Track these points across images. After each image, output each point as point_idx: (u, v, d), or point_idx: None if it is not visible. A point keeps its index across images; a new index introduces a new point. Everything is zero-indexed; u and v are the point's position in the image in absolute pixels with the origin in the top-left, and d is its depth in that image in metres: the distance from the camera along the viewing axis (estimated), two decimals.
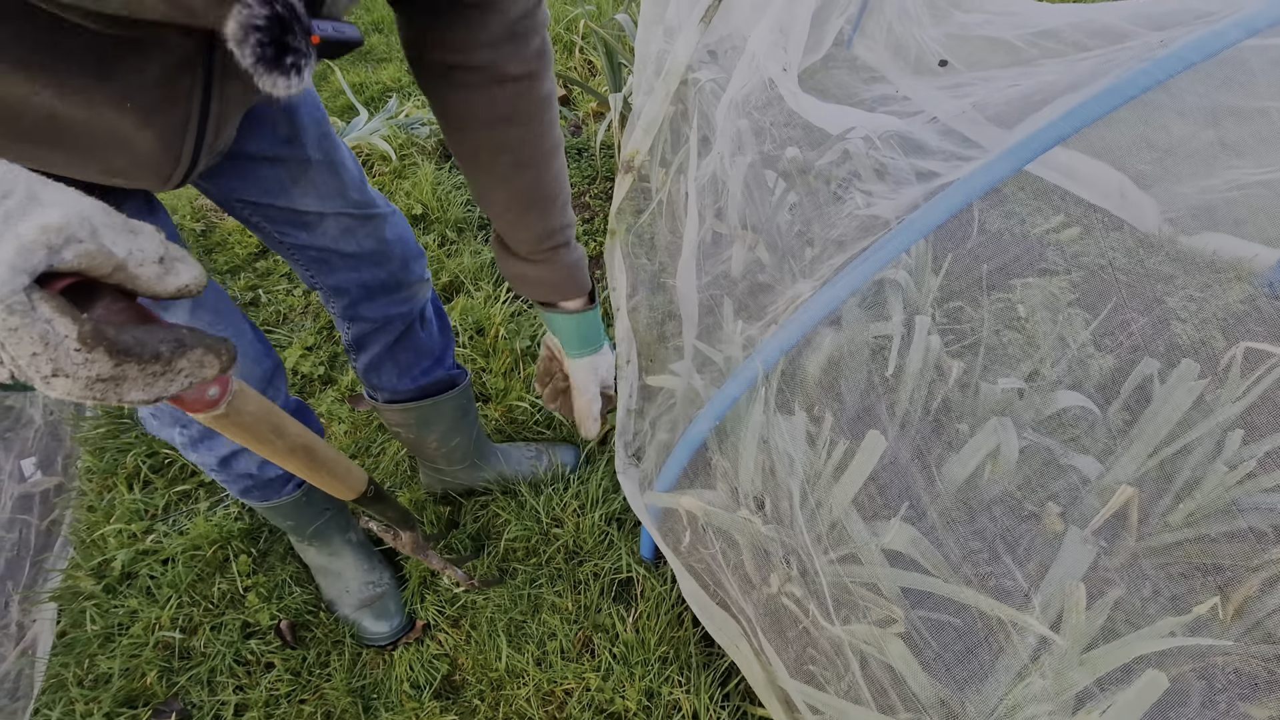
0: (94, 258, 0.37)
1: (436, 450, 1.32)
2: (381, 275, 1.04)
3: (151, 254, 0.40)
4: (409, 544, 1.08)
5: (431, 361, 1.19)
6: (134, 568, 1.32)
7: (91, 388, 0.38)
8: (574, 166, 2.51)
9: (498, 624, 1.24)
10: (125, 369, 0.38)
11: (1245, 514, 0.89)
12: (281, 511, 1.13)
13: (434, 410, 1.25)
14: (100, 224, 0.38)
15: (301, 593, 1.31)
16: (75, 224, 0.36)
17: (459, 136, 0.78)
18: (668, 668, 1.15)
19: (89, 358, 0.37)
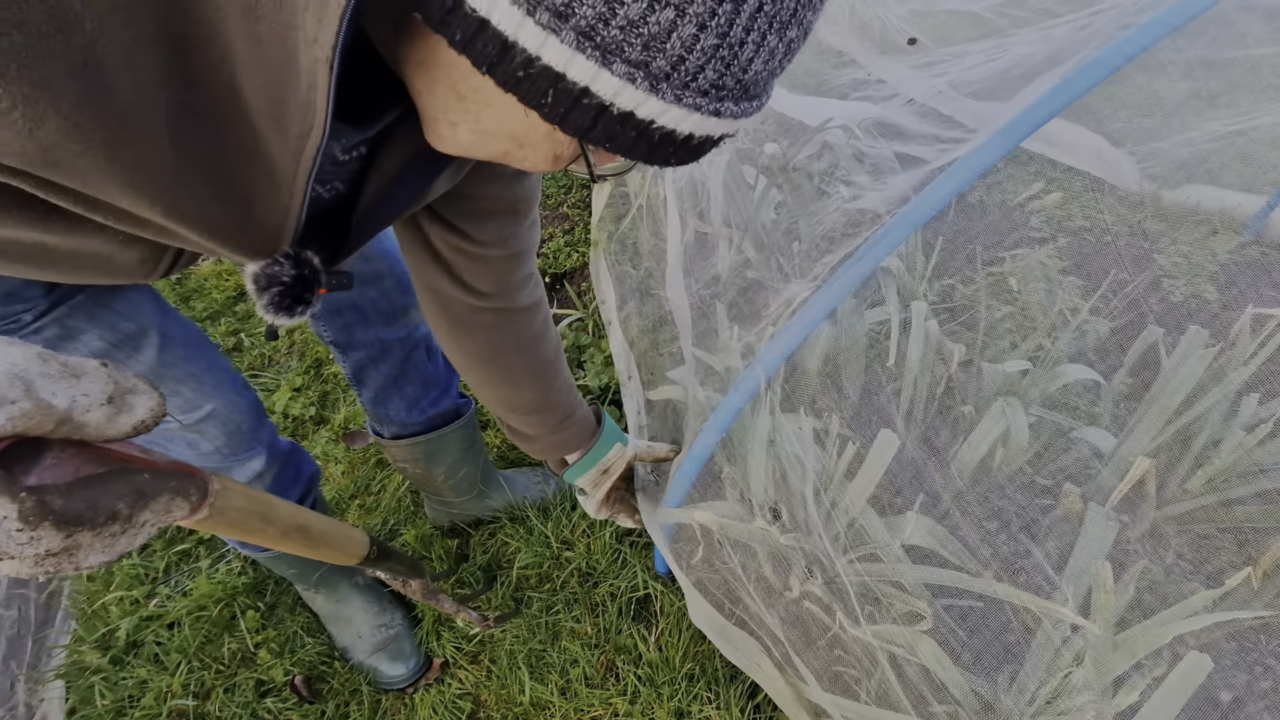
0: (31, 417, 0.33)
1: (444, 483, 1.30)
2: (373, 295, 1.02)
3: (98, 396, 0.37)
4: (419, 591, 1.06)
5: (439, 392, 1.17)
6: (139, 635, 1.29)
7: (42, 564, 0.34)
8: (550, 177, 2.48)
9: (518, 656, 1.22)
10: (78, 538, 0.35)
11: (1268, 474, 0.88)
12: (284, 560, 1.10)
13: (440, 443, 1.23)
14: (35, 375, 0.34)
15: (314, 644, 1.28)
16: (5, 385, 0.32)
17: (477, 364, 0.90)
18: (695, 685, 1.13)
19: (34, 535, 0.33)
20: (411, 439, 1.20)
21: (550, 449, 1.02)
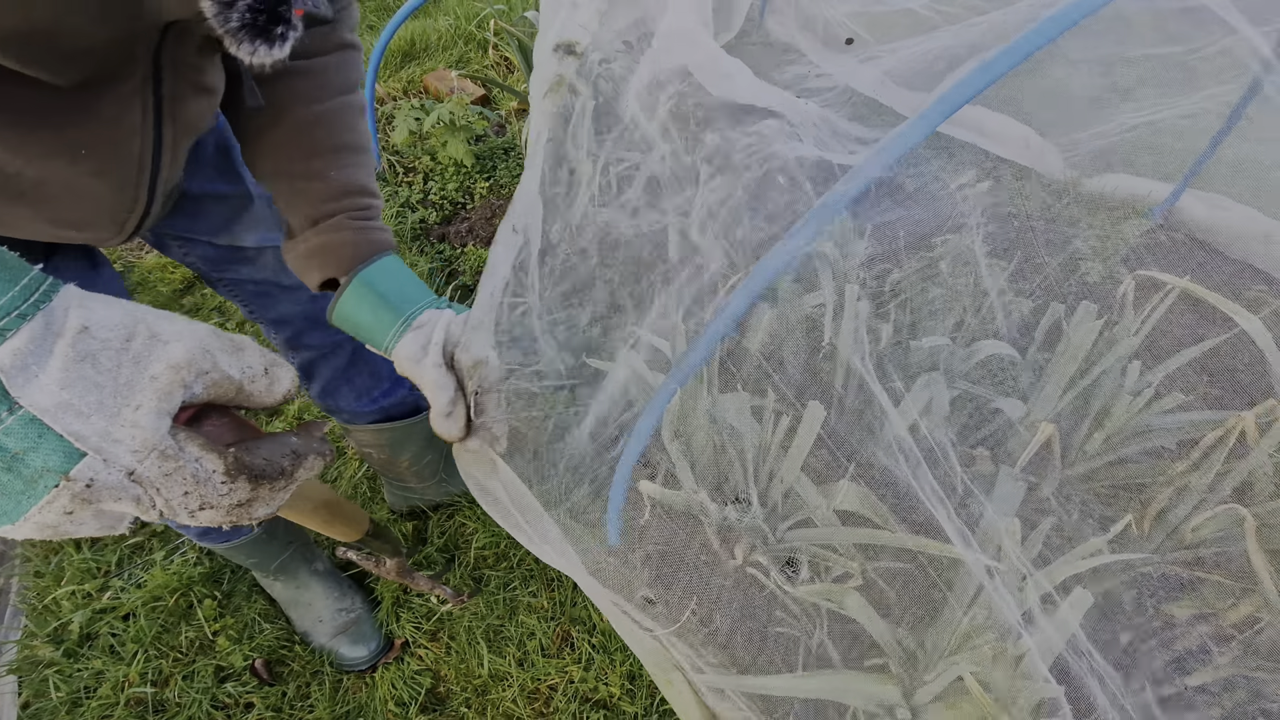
0: (220, 386, 0.38)
1: (408, 469, 1.32)
2: (324, 304, 1.03)
3: (258, 368, 0.41)
4: (395, 570, 1.09)
5: (390, 383, 1.18)
6: (93, 628, 1.28)
7: (231, 513, 0.39)
8: (503, 166, 2.50)
9: (476, 632, 1.26)
10: (259, 490, 0.40)
11: (1153, 434, 0.98)
12: (243, 550, 1.12)
13: (407, 432, 1.25)
14: (216, 349, 0.38)
15: (273, 629, 1.30)
16: (199, 356, 0.37)
17: None
18: None
19: (233, 487, 0.38)
20: (378, 425, 1.21)
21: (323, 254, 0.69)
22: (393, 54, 3.08)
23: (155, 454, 0.35)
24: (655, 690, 1.16)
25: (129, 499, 0.35)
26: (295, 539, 1.22)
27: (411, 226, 2.27)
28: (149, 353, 0.36)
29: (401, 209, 2.33)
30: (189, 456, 0.37)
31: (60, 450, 0.33)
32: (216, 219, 0.85)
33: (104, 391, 0.34)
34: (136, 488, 0.35)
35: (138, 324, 0.36)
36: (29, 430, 0.32)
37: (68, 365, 0.33)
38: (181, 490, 0.36)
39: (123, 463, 0.35)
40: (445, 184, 2.43)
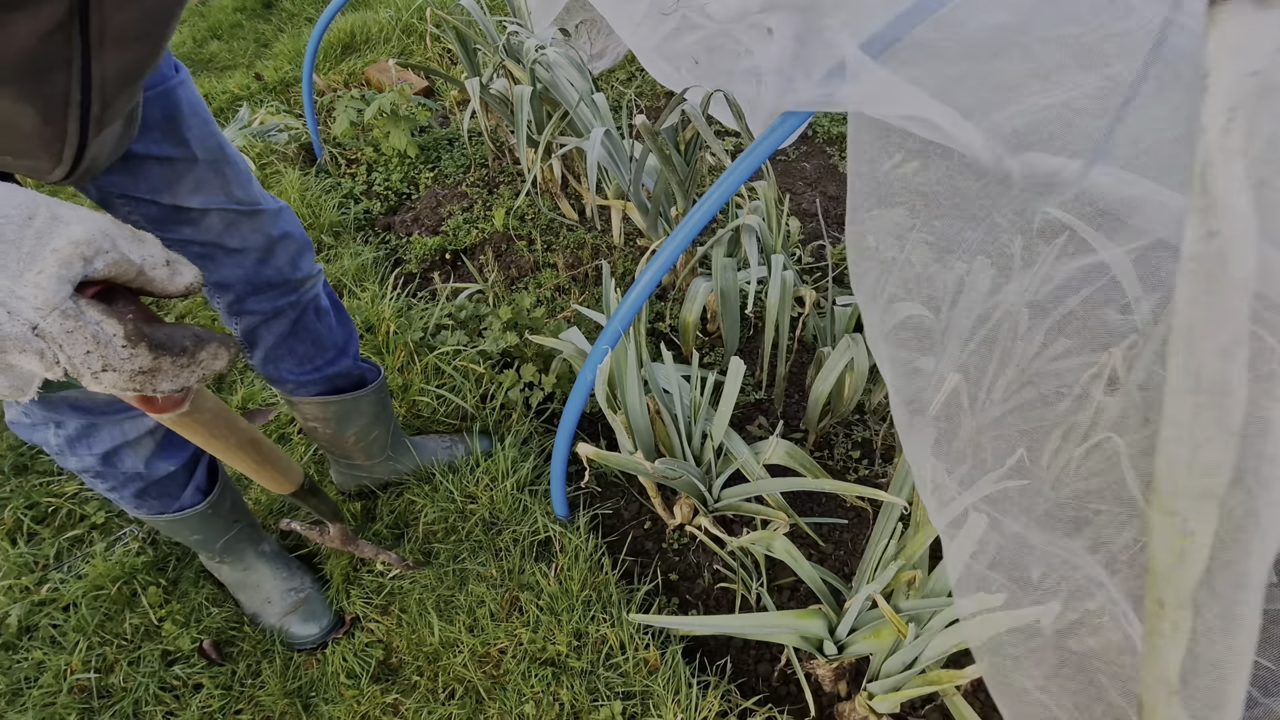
0: (119, 265, 0.42)
1: (355, 445, 1.33)
2: (268, 272, 1.03)
3: (159, 258, 0.45)
4: (338, 537, 1.10)
5: (335, 353, 1.19)
6: (32, 620, 1.27)
7: (134, 379, 0.42)
8: (447, 157, 2.50)
9: (427, 602, 1.29)
10: (160, 362, 0.43)
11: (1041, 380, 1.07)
12: (188, 525, 1.12)
13: (354, 405, 1.26)
14: (116, 235, 0.42)
15: (221, 612, 1.30)
16: (99, 236, 0.40)
17: None
18: (592, 608, 1.24)
19: (133, 353, 0.41)
20: (323, 398, 1.22)
21: None
22: (332, 46, 3.05)
23: (57, 312, 0.38)
24: (600, 646, 1.21)
25: (33, 352, 0.39)
26: (241, 519, 1.23)
27: (355, 217, 2.27)
28: (50, 229, 0.39)
29: (345, 200, 2.32)
30: (89, 319, 0.40)
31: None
32: (158, 180, 0.87)
33: (7, 257, 0.38)
34: (40, 342, 0.39)
35: (39, 205, 0.40)
36: None
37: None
38: (84, 349, 0.40)
39: (26, 317, 0.38)
40: (389, 175, 2.43)
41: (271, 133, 2.52)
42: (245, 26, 3.42)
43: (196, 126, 0.88)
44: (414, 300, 1.89)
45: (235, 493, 1.22)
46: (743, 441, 1.17)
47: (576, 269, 2.00)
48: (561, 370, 1.60)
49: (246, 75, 2.97)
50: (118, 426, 0.96)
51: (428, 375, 1.65)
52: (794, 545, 1.07)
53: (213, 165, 0.91)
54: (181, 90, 0.86)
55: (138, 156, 0.84)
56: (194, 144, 0.88)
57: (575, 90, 1.76)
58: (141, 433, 0.98)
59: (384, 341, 1.70)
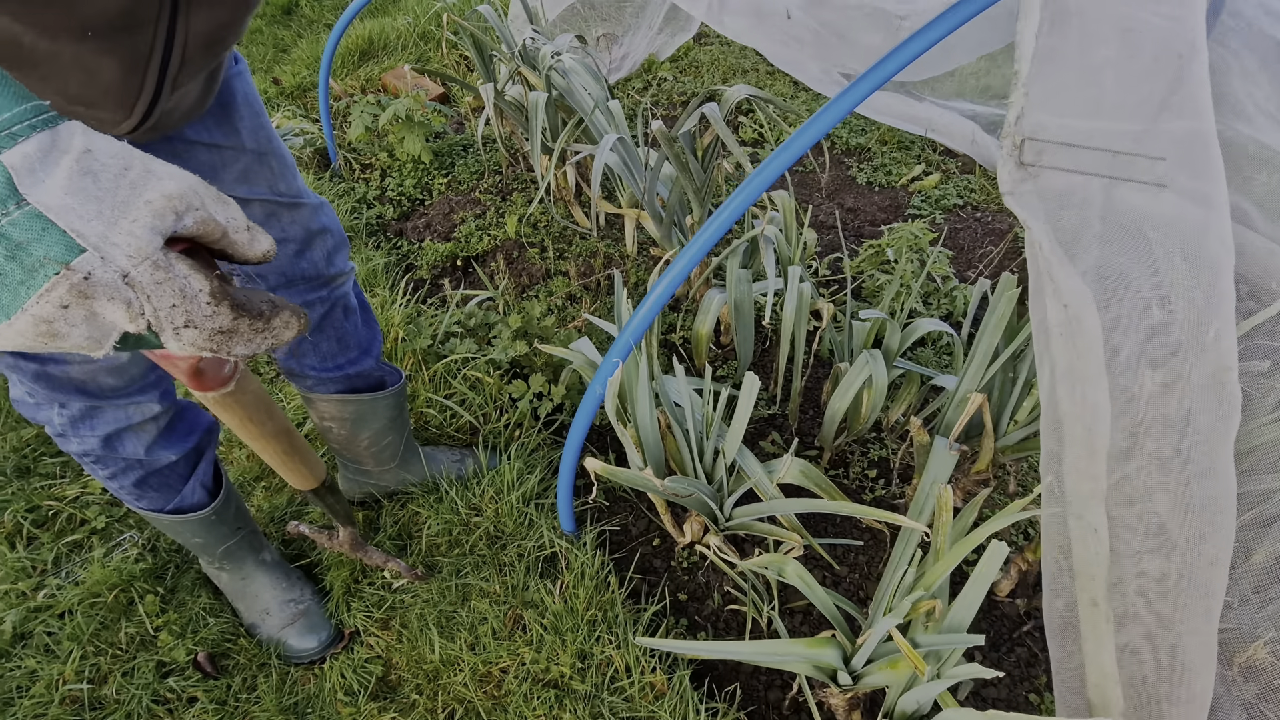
0: (207, 224, 0.41)
1: (367, 449, 1.30)
2: (303, 265, 1.02)
3: (241, 222, 0.44)
4: (348, 542, 1.07)
5: (358, 352, 1.17)
6: (27, 627, 1.25)
7: (212, 339, 0.41)
8: (461, 163, 2.49)
9: (428, 618, 1.25)
10: (239, 323, 0.42)
11: None
12: (190, 527, 1.10)
13: (370, 407, 1.23)
14: (205, 194, 0.42)
15: (218, 623, 1.27)
16: (190, 193, 0.40)
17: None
18: (597, 628, 1.20)
19: (216, 310, 0.40)
20: (342, 396, 1.20)
21: None
22: (350, 52, 3.06)
23: (148, 262, 0.38)
24: (605, 668, 1.17)
25: (121, 301, 0.37)
26: (244, 525, 1.20)
27: (368, 222, 2.26)
28: (145, 181, 0.39)
29: (357, 205, 2.31)
30: (178, 272, 0.39)
31: (62, 243, 0.35)
32: (205, 167, 0.87)
33: (103, 204, 0.37)
34: (129, 291, 0.38)
35: (134, 157, 0.39)
36: (34, 223, 0.35)
37: (72, 176, 0.36)
38: (170, 302, 0.39)
39: (118, 264, 0.37)
40: (403, 180, 2.42)
41: (287, 137, 2.52)
42: (265, 32, 3.44)
43: (249, 117, 0.88)
44: (424, 306, 1.86)
45: (239, 498, 1.20)
46: (756, 460, 1.13)
47: (588, 277, 1.97)
48: (571, 381, 1.57)
49: (265, 80, 2.98)
50: (121, 410, 0.95)
51: (436, 384, 1.62)
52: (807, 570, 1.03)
53: (260, 156, 0.91)
54: (238, 81, 0.87)
55: (187, 141, 0.84)
56: (244, 134, 0.88)
57: (591, 97, 1.73)
58: (145, 418, 0.97)
59: (392, 349, 1.68)
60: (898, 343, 1.25)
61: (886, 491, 1.47)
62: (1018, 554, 1.26)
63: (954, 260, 1.99)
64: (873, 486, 1.49)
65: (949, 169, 2.35)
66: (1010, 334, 1.04)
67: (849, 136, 2.50)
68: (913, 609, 0.91)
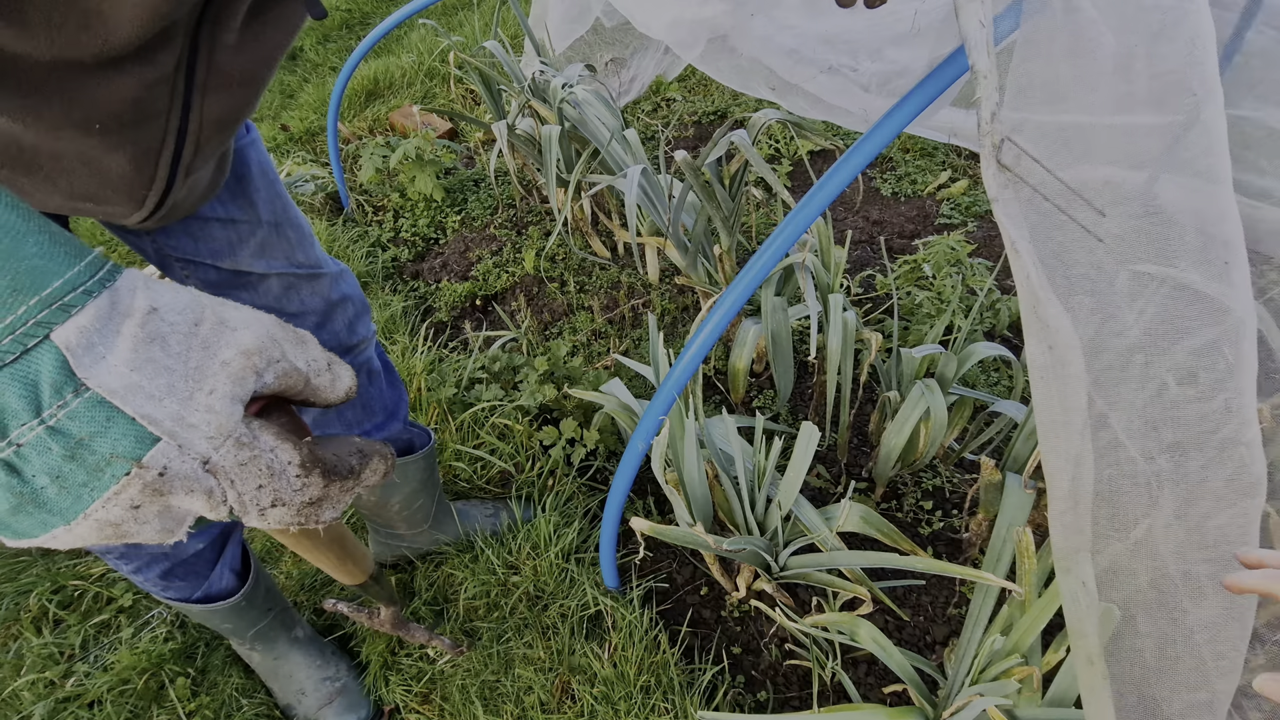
0: (288, 376, 0.35)
1: (398, 514, 1.25)
2: (324, 336, 0.98)
3: (322, 362, 0.38)
4: (389, 620, 1.01)
5: (384, 417, 1.12)
6: (57, 719, 1.19)
7: (301, 512, 0.35)
8: (474, 199, 2.46)
9: (470, 690, 1.18)
10: (329, 489, 0.36)
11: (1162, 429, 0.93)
12: (220, 615, 1.04)
13: (401, 472, 1.18)
14: (283, 339, 0.36)
15: (251, 705, 1.21)
16: (269, 344, 0.34)
17: None
18: (651, 696, 1.12)
19: (306, 483, 0.34)
20: None
21: None
22: (356, 94, 3.06)
23: (231, 441, 0.32)
24: None
25: (201, 492, 0.31)
26: (275, 605, 1.14)
27: (384, 265, 2.22)
28: (218, 338, 0.33)
29: (372, 248, 2.28)
30: (264, 446, 0.33)
31: (132, 434, 0.29)
32: (221, 242, 0.83)
33: (175, 375, 0.30)
34: (210, 479, 0.32)
35: (205, 309, 0.33)
36: (97, 413, 0.28)
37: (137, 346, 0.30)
38: (256, 483, 0.33)
39: (198, 449, 0.31)
40: (416, 220, 2.38)
41: (298, 184, 2.50)
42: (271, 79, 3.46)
43: (264, 188, 0.84)
44: (445, 351, 1.81)
45: (268, 579, 1.14)
46: (813, 509, 1.05)
47: (613, 311, 1.91)
48: (604, 424, 1.51)
49: (273, 127, 2.98)
50: None
51: (463, 435, 1.56)
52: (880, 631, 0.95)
53: (276, 228, 0.86)
54: (252, 150, 0.82)
55: (201, 219, 0.80)
56: (260, 206, 0.84)
57: (605, 128, 1.68)
58: None
59: (416, 399, 1.62)
60: (954, 370, 1.17)
61: (945, 524, 1.39)
62: None
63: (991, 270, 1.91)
64: (929, 519, 1.41)
65: (976, 174, 2.27)
66: None
67: None
68: (1003, 674, 0.83)
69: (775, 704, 1.19)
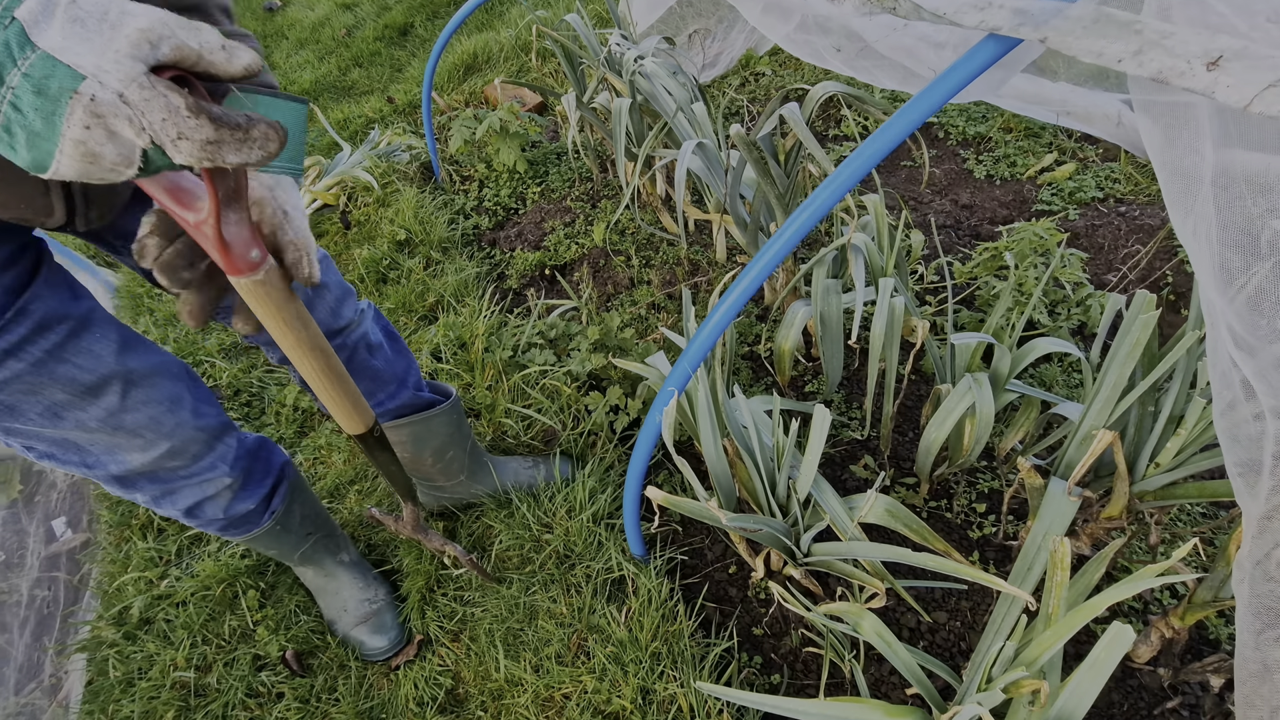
0: (181, 49, 0.48)
1: (433, 466, 1.33)
2: None
3: (216, 43, 0.50)
4: (410, 521, 1.10)
5: (395, 385, 1.19)
6: (150, 613, 1.38)
7: (205, 149, 0.48)
8: (555, 172, 2.52)
9: (495, 634, 1.25)
10: (221, 133, 0.48)
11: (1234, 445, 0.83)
12: (262, 541, 1.16)
13: (425, 427, 1.26)
14: (174, 24, 0.48)
15: (307, 620, 1.34)
16: (159, 25, 0.47)
17: None
18: (661, 663, 1.14)
19: (197, 123, 0.47)
20: (396, 422, 1.23)
21: None
22: (455, 68, 3.19)
23: (134, 84, 0.45)
24: (668, 707, 1.11)
25: (124, 118, 0.45)
26: (315, 530, 1.25)
27: (464, 232, 2.33)
28: (121, 20, 0.46)
29: (455, 216, 2.39)
30: (160, 90, 0.46)
31: (69, 74, 0.44)
32: None
33: (91, 43, 0.45)
34: (127, 109, 0.45)
35: (111, 4, 0.46)
36: (45, 63, 0.44)
37: (65, 24, 0.45)
38: (160, 116, 0.46)
39: (113, 86, 0.45)
40: (499, 190, 2.48)
41: (395, 153, 2.66)
42: (383, 54, 3.67)
43: None
44: (510, 317, 1.89)
45: (307, 506, 1.23)
46: (835, 494, 1.02)
47: (673, 287, 1.91)
48: (648, 395, 1.52)
49: (380, 99, 3.18)
50: (196, 487, 0.99)
51: (514, 395, 1.63)
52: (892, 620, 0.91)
53: None
54: None
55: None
56: None
57: (674, 100, 1.67)
58: (220, 488, 1.01)
59: (476, 359, 1.71)
60: (1008, 365, 1.09)
61: (995, 529, 1.30)
62: (1160, 617, 1.06)
63: (1090, 262, 1.74)
64: (980, 522, 1.32)
65: (1087, 157, 2.07)
66: (1150, 361, 0.87)
67: (966, 125, 2.26)
68: (1012, 688, 0.78)
69: (790, 689, 1.18)
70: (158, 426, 0.89)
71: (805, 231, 0.78)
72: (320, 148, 2.92)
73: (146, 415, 0.87)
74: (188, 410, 0.93)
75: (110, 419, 0.84)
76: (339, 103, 3.32)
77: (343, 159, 2.61)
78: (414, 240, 2.23)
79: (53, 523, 1.70)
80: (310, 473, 1.65)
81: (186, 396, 0.93)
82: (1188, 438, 0.88)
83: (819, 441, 0.92)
